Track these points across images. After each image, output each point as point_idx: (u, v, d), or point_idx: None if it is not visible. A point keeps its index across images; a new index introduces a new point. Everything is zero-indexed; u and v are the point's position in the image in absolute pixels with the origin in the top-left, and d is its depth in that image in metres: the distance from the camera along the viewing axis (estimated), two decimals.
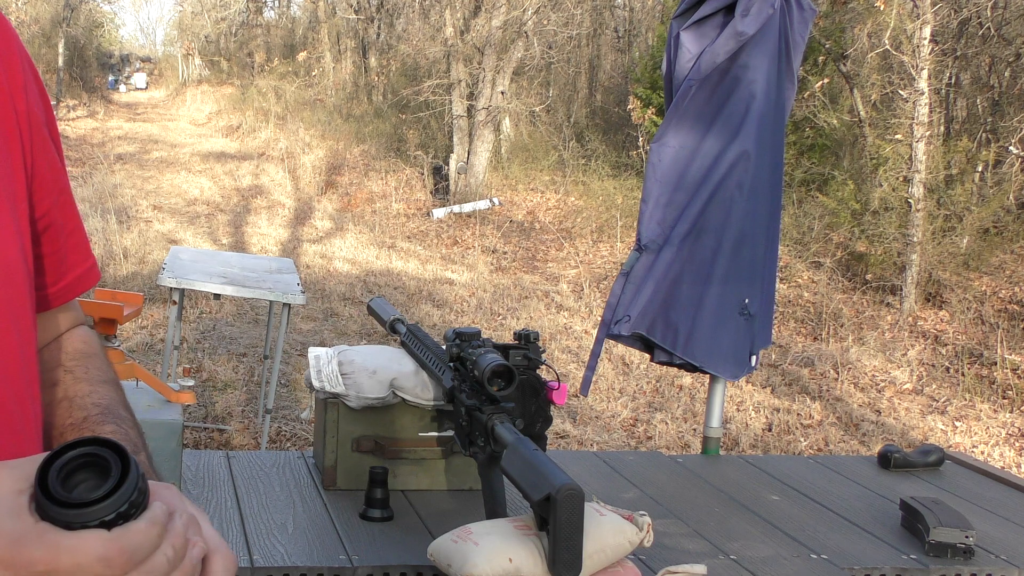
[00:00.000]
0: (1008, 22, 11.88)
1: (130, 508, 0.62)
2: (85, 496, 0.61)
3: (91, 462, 0.64)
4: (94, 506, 0.61)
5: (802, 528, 2.12)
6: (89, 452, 0.64)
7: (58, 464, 0.63)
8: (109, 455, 0.64)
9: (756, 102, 2.71)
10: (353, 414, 2.11)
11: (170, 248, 7.50)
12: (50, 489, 0.62)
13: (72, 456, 0.63)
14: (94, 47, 31.04)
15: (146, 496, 0.64)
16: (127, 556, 0.61)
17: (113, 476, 0.62)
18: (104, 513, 0.61)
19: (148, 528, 0.62)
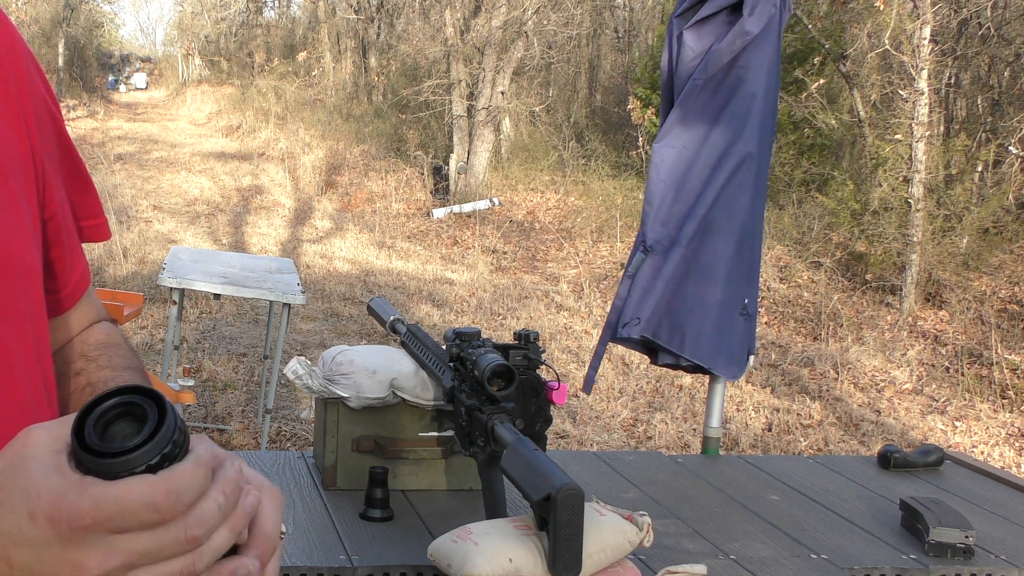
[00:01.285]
0: (1008, 22, 11.88)
1: (174, 448, 0.60)
2: (125, 444, 0.59)
3: (127, 411, 0.61)
4: (136, 452, 0.59)
5: (802, 528, 2.12)
6: (123, 401, 0.62)
7: (93, 416, 0.61)
8: (143, 401, 0.61)
9: (757, 102, 2.71)
10: (353, 414, 2.11)
11: (170, 248, 7.51)
12: (87, 442, 0.59)
13: (107, 407, 0.61)
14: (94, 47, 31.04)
15: (187, 438, 0.61)
16: (174, 498, 0.58)
17: (151, 420, 0.60)
18: (148, 458, 0.59)
19: (194, 469, 0.59)
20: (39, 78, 0.95)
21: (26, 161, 0.89)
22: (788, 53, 11.94)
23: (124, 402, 0.62)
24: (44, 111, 0.94)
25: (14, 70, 0.90)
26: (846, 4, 11.97)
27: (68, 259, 0.97)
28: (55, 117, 0.98)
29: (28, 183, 0.89)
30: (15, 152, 0.88)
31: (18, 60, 0.91)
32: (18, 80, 0.90)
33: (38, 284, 0.89)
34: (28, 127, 0.90)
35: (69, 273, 0.98)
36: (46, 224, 0.93)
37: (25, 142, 0.89)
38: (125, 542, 0.58)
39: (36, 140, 0.91)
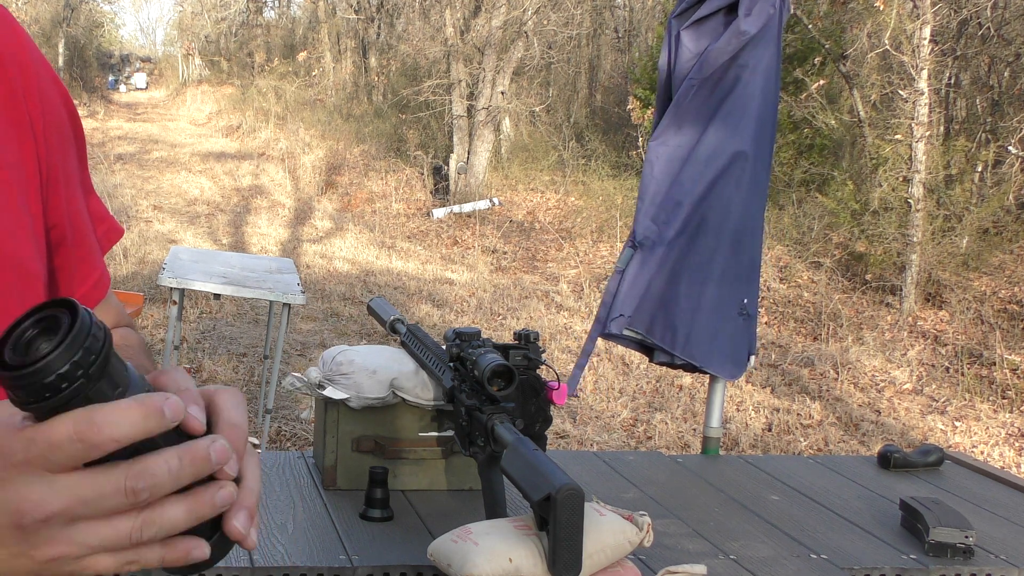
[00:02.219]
0: (1008, 22, 11.88)
1: (86, 355, 0.57)
2: (35, 355, 0.57)
3: (47, 327, 0.59)
4: (44, 359, 0.57)
5: (802, 528, 2.12)
6: (42, 316, 0.60)
7: (13, 337, 0.59)
8: (60, 312, 0.59)
9: (755, 102, 2.71)
10: (353, 414, 2.11)
11: (170, 248, 7.51)
12: (7, 360, 0.58)
13: (24, 326, 0.59)
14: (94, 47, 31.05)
15: (106, 343, 0.59)
16: (98, 428, 0.56)
17: (63, 329, 0.58)
18: (61, 363, 0.57)
19: (130, 406, 0.57)
20: (52, 83, 0.94)
21: (30, 167, 0.88)
22: (788, 53, 11.94)
23: (42, 317, 0.60)
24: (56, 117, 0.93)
25: (21, 74, 0.89)
26: (846, 4, 11.97)
27: (73, 268, 0.96)
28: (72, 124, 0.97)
29: (31, 189, 0.88)
30: (17, 158, 0.87)
31: (26, 65, 0.90)
32: (25, 85, 0.89)
33: (38, 288, 0.88)
34: (35, 133, 0.89)
35: (74, 284, 0.97)
36: (50, 231, 0.92)
37: (30, 148, 0.89)
38: (64, 484, 0.57)
39: (43, 147, 0.90)
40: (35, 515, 0.57)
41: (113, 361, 0.60)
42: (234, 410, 0.65)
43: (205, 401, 0.65)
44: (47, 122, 0.91)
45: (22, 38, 0.91)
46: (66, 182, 0.94)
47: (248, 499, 0.64)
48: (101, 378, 0.59)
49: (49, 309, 0.60)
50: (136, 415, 0.57)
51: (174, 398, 0.59)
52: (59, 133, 0.94)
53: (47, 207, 0.91)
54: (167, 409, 0.58)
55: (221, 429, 0.63)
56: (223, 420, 0.64)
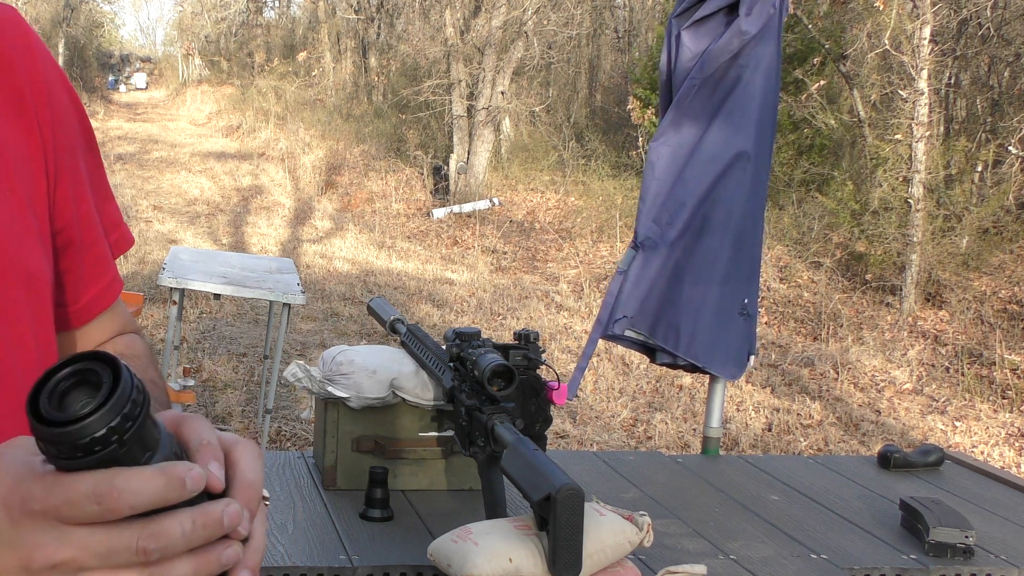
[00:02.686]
0: (1008, 22, 11.88)
1: (124, 421, 0.57)
2: (79, 411, 0.57)
3: (82, 380, 0.59)
4: (90, 418, 0.57)
5: (802, 528, 2.12)
6: (77, 369, 0.59)
7: (48, 388, 0.59)
8: (98, 366, 0.59)
9: (755, 102, 2.71)
10: (353, 414, 2.11)
11: (170, 248, 7.51)
12: (43, 413, 0.58)
13: (60, 377, 0.59)
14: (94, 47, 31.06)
15: (144, 409, 0.59)
16: (117, 493, 0.56)
17: (106, 384, 0.58)
18: (104, 422, 0.57)
19: (154, 474, 0.58)
20: (61, 86, 0.94)
21: (37, 171, 0.88)
22: (788, 53, 11.94)
23: (78, 370, 0.60)
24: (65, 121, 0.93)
25: (29, 78, 0.89)
26: (846, 4, 11.97)
27: (80, 273, 0.96)
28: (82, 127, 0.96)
29: (38, 193, 0.88)
30: (25, 162, 0.87)
31: (36, 68, 0.90)
32: (34, 89, 0.89)
33: (45, 292, 0.88)
34: (43, 137, 0.89)
35: (80, 289, 0.97)
36: (56, 235, 0.92)
37: (38, 152, 0.89)
38: (77, 536, 0.58)
39: (51, 151, 0.90)
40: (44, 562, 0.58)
41: (147, 425, 0.60)
42: (251, 466, 0.65)
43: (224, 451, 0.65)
44: (56, 126, 0.91)
45: (32, 40, 0.91)
46: (74, 186, 0.94)
47: (253, 559, 0.65)
48: (135, 444, 0.59)
49: (88, 362, 0.60)
50: (158, 485, 0.58)
51: (196, 469, 0.60)
52: (68, 137, 0.93)
53: (54, 211, 0.91)
54: (189, 480, 0.59)
55: (237, 487, 0.64)
56: (239, 478, 0.64)
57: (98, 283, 0.99)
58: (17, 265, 0.84)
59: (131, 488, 0.57)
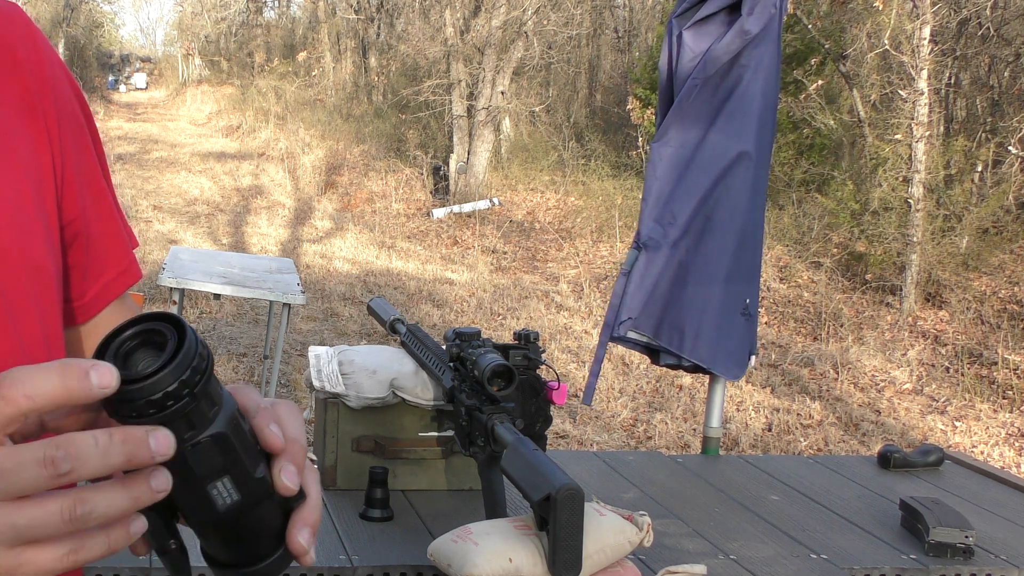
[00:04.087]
0: (1008, 22, 11.88)
1: (193, 374, 0.58)
2: (142, 371, 0.58)
3: (147, 340, 0.60)
4: (152, 377, 0.57)
5: (802, 528, 2.12)
6: (143, 329, 0.60)
7: (113, 346, 0.60)
8: (164, 327, 0.60)
9: (756, 102, 2.71)
10: (353, 414, 2.11)
11: (170, 248, 7.50)
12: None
13: (126, 336, 0.60)
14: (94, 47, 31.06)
15: (209, 364, 0.60)
16: (10, 383, 0.53)
17: (170, 345, 0.59)
18: (166, 383, 0.57)
19: (48, 367, 0.54)
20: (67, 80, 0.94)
21: (44, 164, 0.89)
22: (788, 53, 11.94)
23: (144, 330, 0.60)
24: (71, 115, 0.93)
25: (34, 73, 0.90)
26: (846, 4, 11.97)
27: (88, 265, 0.96)
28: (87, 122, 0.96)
29: (45, 187, 0.88)
30: (32, 156, 0.88)
31: (41, 63, 0.90)
32: (39, 84, 0.90)
33: (52, 285, 0.88)
34: (49, 132, 0.89)
35: (87, 283, 0.97)
36: (64, 228, 0.92)
37: (45, 146, 0.89)
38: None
39: (57, 146, 0.90)
40: None
41: (214, 381, 0.61)
42: (293, 424, 0.65)
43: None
44: (62, 121, 0.91)
45: (37, 36, 0.92)
46: (82, 179, 0.94)
47: (311, 516, 0.65)
48: (203, 398, 0.59)
49: (150, 323, 0.60)
50: (55, 375, 0.54)
51: (105, 366, 0.56)
52: (74, 131, 0.94)
53: (61, 205, 0.91)
54: (94, 375, 0.55)
55: (286, 445, 0.64)
56: (286, 436, 0.64)
57: (112, 270, 0.99)
58: (24, 258, 0.84)
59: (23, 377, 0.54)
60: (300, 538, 0.65)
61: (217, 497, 0.62)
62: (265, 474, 0.64)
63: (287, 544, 0.65)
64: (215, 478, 0.62)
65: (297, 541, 0.65)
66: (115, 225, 1.00)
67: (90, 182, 0.96)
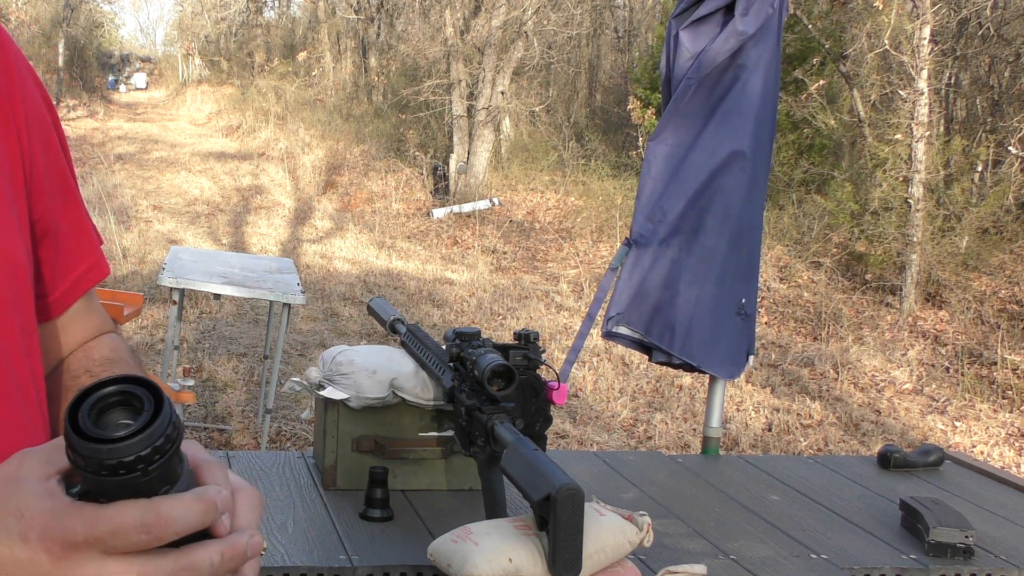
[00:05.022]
0: (1008, 22, 11.88)
1: (166, 442, 0.60)
2: (116, 432, 0.59)
3: (124, 401, 0.62)
4: (127, 441, 0.59)
5: (802, 528, 2.12)
6: (121, 390, 0.62)
7: (89, 402, 0.61)
8: (141, 392, 0.62)
9: (754, 101, 2.71)
10: (353, 414, 2.11)
11: (170, 248, 7.50)
12: (80, 425, 0.59)
13: (103, 394, 0.61)
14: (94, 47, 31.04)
15: (180, 433, 0.62)
16: (165, 522, 0.58)
17: (147, 411, 0.60)
18: (139, 448, 0.59)
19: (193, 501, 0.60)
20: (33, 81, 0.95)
21: (14, 159, 0.89)
22: (788, 53, 11.94)
23: (122, 391, 0.62)
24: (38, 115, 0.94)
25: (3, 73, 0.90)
26: (846, 4, 11.97)
27: (57, 260, 0.97)
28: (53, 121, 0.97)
29: (16, 181, 0.89)
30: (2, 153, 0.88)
31: (9, 65, 0.91)
32: (7, 82, 0.90)
33: (25, 278, 0.88)
34: (18, 129, 0.90)
35: (57, 278, 0.97)
36: (34, 225, 0.92)
37: (15, 144, 0.89)
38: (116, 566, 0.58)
39: (26, 143, 0.91)
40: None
41: (174, 461, 0.62)
42: (246, 515, 0.68)
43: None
44: (30, 119, 0.92)
45: (4, 38, 0.92)
46: (50, 178, 0.95)
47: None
48: (157, 477, 0.61)
49: (134, 385, 0.62)
50: (197, 510, 0.60)
51: (224, 493, 0.63)
52: (41, 130, 0.94)
53: (31, 201, 0.92)
54: (219, 503, 0.62)
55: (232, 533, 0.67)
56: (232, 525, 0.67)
57: (79, 266, 1.00)
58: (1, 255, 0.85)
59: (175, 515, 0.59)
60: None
61: None
62: None
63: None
64: None
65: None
66: (83, 222, 1.01)
67: (58, 180, 0.97)
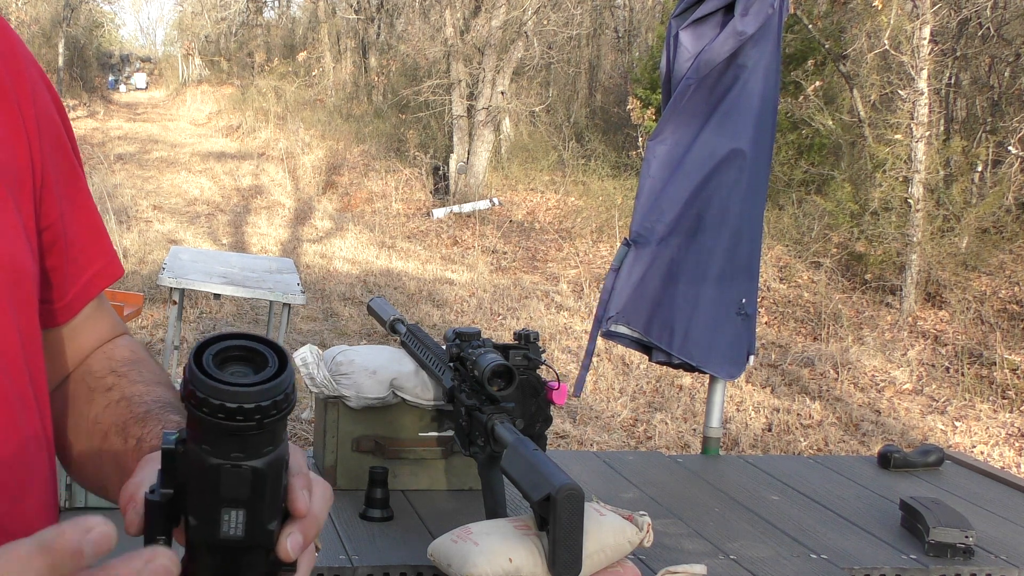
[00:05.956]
0: (1008, 22, 11.87)
1: (284, 401, 0.61)
2: (239, 378, 0.61)
3: (245, 356, 0.63)
4: (253, 387, 0.60)
5: (802, 528, 2.12)
6: (245, 346, 0.63)
7: (214, 348, 0.62)
8: (266, 350, 0.63)
9: (753, 102, 2.71)
10: (353, 414, 2.11)
11: (170, 248, 7.50)
12: (205, 366, 0.61)
13: (228, 345, 0.63)
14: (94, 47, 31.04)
15: (295, 401, 0.63)
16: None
17: (271, 367, 0.62)
18: (260, 398, 0.60)
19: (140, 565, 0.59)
20: (45, 88, 0.95)
21: (22, 167, 0.89)
22: (787, 53, 11.94)
23: (245, 347, 0.63)
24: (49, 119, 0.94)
25: (14, 77, 0.90)
26: (846, 4, 11.97)
27: (65, 269, 0.96)
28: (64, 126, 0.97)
29: (23, 188, 0.89)
30: (11, 158, 0.88)
31: (20, 69, 0.91)
32: (18, 88, 0.90)
33: (28, 284, 0.88)
34: (28, 134, 0.90)
35: (67, 284, 0.97)
36: (42, 232, 0.92)
37: (24, 149, 0.89)
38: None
39: (37, 149, 0.90)
40: None
41: (282, 424, 0.64)
42: (321, 503, 0.71)
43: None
44: (41, 124, 0.92)
45: (15, 42, 0.92)
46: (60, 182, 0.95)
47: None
48: (268, 431, 0.62)
49: (263, 344, 0.64)
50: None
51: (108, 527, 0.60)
52: (52, 135, 0.94)
53: (40, 209, 0.91)
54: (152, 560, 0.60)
55: (306, 518, 0.69)
56: (311, 507, 0.70)
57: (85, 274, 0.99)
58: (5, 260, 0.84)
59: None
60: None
61: (224, 523, 0.64)
62: (276, 529, 0.66)
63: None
64: (233, 506, 0.63)
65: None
66: (95, 224, 1.01)
67: (68, 183, 0.96)
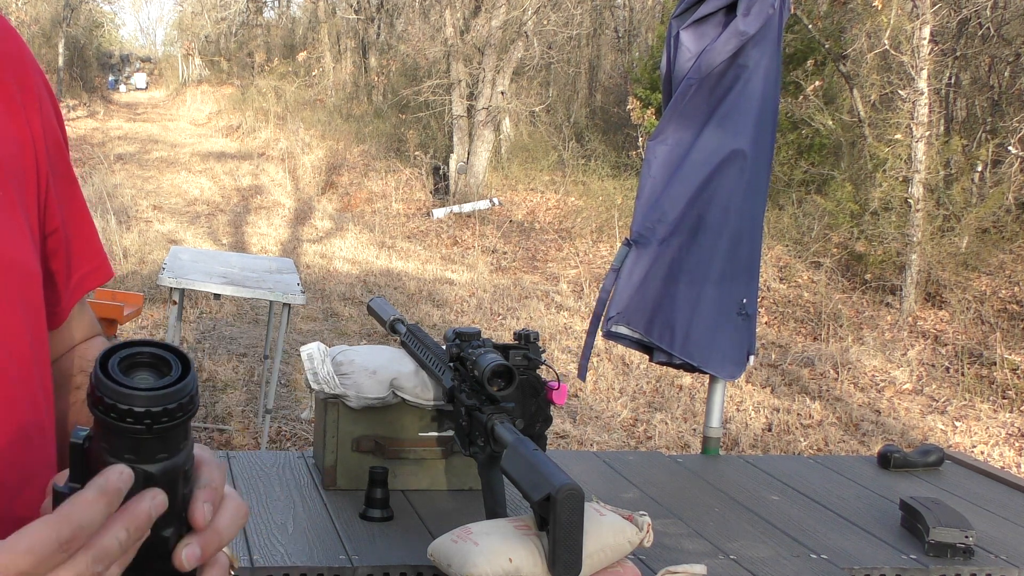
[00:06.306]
0: (1008, 22, 11.87)
1: (177, 409, 0.62)
2: (142, 383, 0.62)
3: (153, 363, 0.64)
4: (144, 392, 0.61)
5: (802, 528, 2.12)
6: (153, 353, 0.65)
7: (123, 353, 0.64)
8: (171, 358, 0.65)
9: (754, 102, 2.70)
10: (353, 414, 2.11)
11: (170, 248, 7.50)
12: (109, 370, 0.62)
13: (136, 351, 0.64)
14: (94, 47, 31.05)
15: (195, 408, 0.64)
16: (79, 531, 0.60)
17: (172, 376, 0.63)
18: (151, 403, 0.61)
19: (95, 499, 0.61)
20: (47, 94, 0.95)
21: (28, 172, 0.89)
22: (788, 53, 11.94)
23: (154, 354, 0.65)
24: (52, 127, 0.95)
25: (21, 83, 0.90)
26: (846, 4, 11.96)
27: (68, 273, 0.98)
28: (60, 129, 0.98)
29: (29, 193, 0.89)
30: (17, 161, 0.88)
31: (27, 75, 0.92)
32: (25, 93, 0.90)
33: (37, 287, 0.89)
34: (34, 139, 0.90)
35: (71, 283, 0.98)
36: (47, 237, 0.93)
37: (31, 154, 0.90)
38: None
39: (42, 154, 0.91)
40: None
41: (181, 431, 0.65)
42: (229, 520, 0.69)
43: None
44: (46, 130, 0.92)
45: (22, 47, 0.92)
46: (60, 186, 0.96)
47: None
48: (174, 432, 0.64)
49: (168, 351, 0.65)
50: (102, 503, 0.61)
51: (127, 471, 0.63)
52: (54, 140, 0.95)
53: (46, 214, 0.92)
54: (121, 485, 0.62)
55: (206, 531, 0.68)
56: (214, 521, 0.68)
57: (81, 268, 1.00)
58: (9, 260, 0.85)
59: (86, 520, 0.60)
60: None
61: None
62: (171, 537, 0.66)
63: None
64: None
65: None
66: (88, 227, 1.02)
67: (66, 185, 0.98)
